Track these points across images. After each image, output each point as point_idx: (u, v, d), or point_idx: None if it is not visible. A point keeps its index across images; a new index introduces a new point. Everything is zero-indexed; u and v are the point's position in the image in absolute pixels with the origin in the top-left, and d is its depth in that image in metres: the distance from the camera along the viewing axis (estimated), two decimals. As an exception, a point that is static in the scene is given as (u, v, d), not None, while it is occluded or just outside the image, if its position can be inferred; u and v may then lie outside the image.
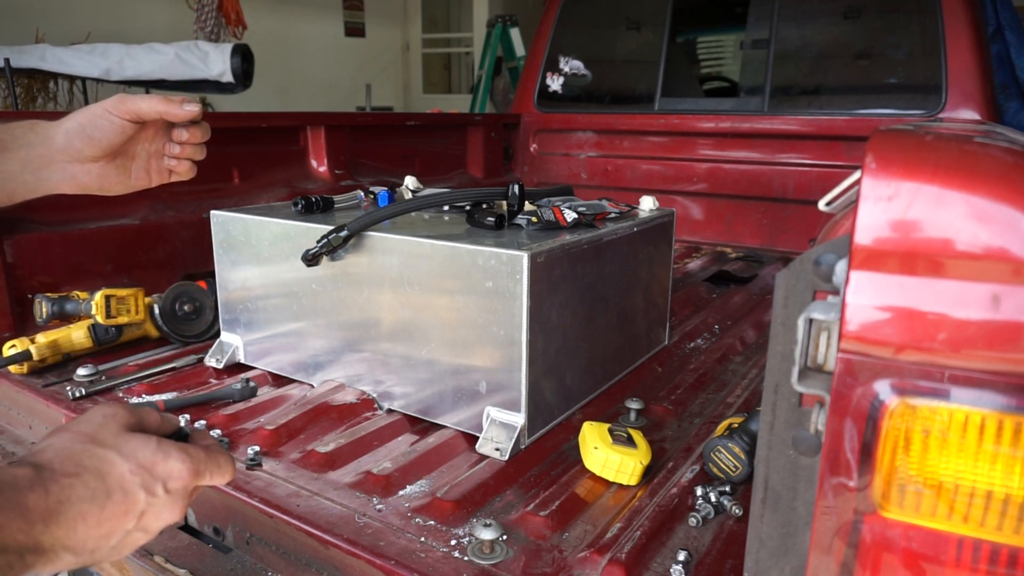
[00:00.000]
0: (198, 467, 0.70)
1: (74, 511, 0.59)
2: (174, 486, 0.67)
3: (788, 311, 0.63)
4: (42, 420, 1.50)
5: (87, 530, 0.61)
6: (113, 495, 0.62)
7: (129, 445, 0.65)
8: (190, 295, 1.80)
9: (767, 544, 0.68)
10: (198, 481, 0.70)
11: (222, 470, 0.73)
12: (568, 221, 1.45)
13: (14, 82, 4.33)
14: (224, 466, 0.74)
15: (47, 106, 5.19)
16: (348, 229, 1.36)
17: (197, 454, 0.70)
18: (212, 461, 0.72)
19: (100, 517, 0.61)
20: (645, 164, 3.26)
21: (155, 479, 0.65)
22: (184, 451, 0.69)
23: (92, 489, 0.61)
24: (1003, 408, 0.54)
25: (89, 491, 0.61)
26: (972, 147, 0.60)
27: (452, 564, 0.99)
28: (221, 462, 0.73)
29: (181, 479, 0.68)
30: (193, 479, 0.69)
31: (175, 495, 0.67)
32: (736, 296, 2.36)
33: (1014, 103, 3.09)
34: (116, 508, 0.63)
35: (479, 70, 7.36)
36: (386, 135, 2.89)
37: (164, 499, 0.66)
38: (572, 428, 1.38)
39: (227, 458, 0.75)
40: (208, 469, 0.71)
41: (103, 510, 0.62)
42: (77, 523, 0.60)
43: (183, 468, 0.68)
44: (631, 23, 3.45)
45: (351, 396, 1.46)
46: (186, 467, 0.68)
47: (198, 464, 0.70)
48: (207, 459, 0.71)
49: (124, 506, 0.63)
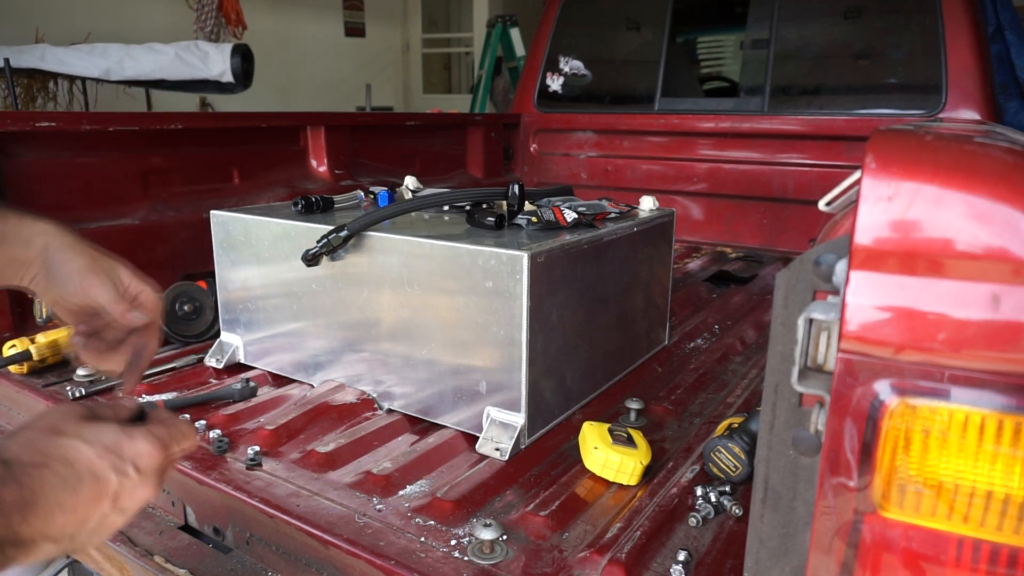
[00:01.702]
0: (164, 442, 0.70)
1: (49, 500, 0.60)
2: (144, 464, 0.68)
3: (788, 311, 0.63)
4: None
5: (64, 517, 0.61)
6: (84, 480, 0.63)
7: (92, 431, 0.66)
8: (190, 295, 1.80)
9: (767, 544, 0.68)
10: (167, 454, 0.71)
11: (186, 439, 0.74)
12: (568, 221, 1.44)
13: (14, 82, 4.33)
14: (187, 433, 0.74)
15: (47, 106, 5.19)
16: (348, 229, 1.36)
17: (159, 431, 0.71)
18: (175, 433, 0.73)
19: (75, 503, 0.62)
20: (645, 164, 3.26)
21: (124, 460, 0.66)
22: (147, 430, 0.70)
23: (63, 477, 0.61)
24: (1003, 408, 0.54)
25: (60, 479, 0.61)
26: (972, 147, 0.60)
27: (452, 564, 0.99)
28: (184, 430, 0.74)
29: (150, 457, 0.68)
30: (162, 454, 0.70)
31: (146, 474, 0.68)
32: (736, 296, 2.36)
33: (1014, 103, 3.09)
34: (89, 493, 0.63)
35: (479, 70, 7.36)
36: (386, 135, 2.89)
37: (136, 479, 0.67)
38: (572, 428, 1.38)
39: (188, 426, 0.75)
40: (173, 441, 0.72)
41: (77, 495, 0.62)
42: (54, 511, 0.60)
43: (149, 446, 0.68)
44: (631, 23, 3.45)
45: (351, 396, 1.46)
46: (152, 445, 0.69)
47: (163, 440, 0.70)
48: (170, 433, 0.72)
49: (97, 490, 0.64)
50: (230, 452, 1.29)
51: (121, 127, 1.95)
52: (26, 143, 1.77)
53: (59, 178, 1.85)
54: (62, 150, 1.86)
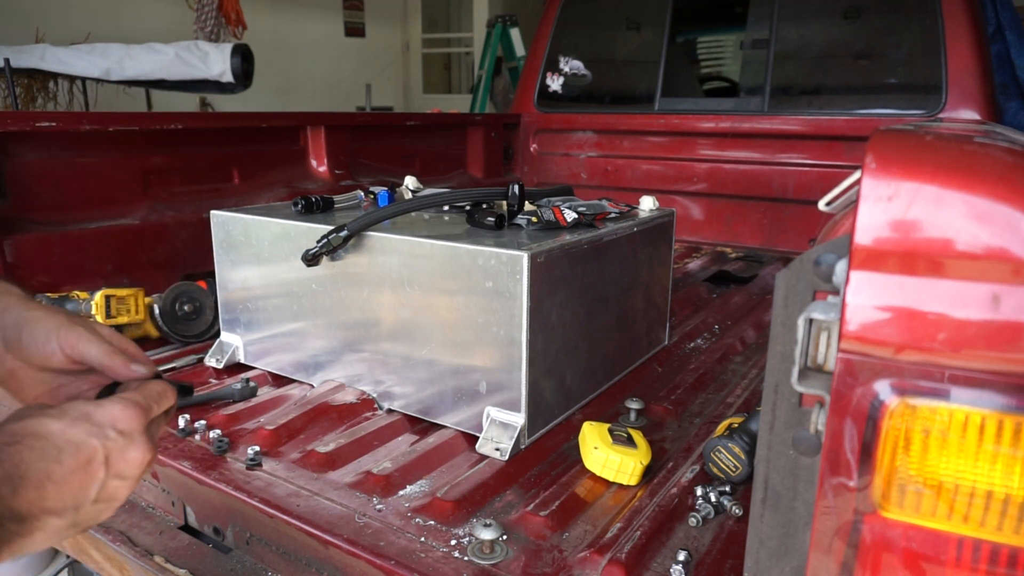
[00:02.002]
0: (139, 403, 0.69)
1: (34, 472, 0.59)
2: (125, 426, 0.67)
3: (788, 311, 0.63)
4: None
5: (58, 488, 0.60)
6: (64, 449, 0.62)
7: (57, 410, 0.65)
8: (190, 295, 1.80)
9: (767, 544, 0.68)
10: (148, 414, 0.70)
11: (164, 396, 0.73)
12: (568, 221, 1.44)
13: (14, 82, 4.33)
14: (163, 391, 0.74)
15: (47, 106, 5.19)
16: (348, 229, 1.36)
17: (131, 395, 0.70)
18: (150, 393, 0.72)
19: (63, 472, 0.61)
20: (645, 164, 3.26)
21: (99, 426, 0.65)
22: (117, 397, 0.69)
23: (39, 450, 0.60)
24: (1003, 408, 0.54)
25: (38, 452, 0.60)
26: (972, 147, 0.60)
27: (452, 564, 0.99)
28: (158, 389, 0.73)
29: (126, 419, 0.67)
30: (141, 414, 0.69)
31: (130, 434, 0.67)
32: (736, 296, 2.36)
33: (1014, 103, 3.09)
34: (75, 460, 0.62)
35: (479, 70, 7.36)
36: (386, 135, 2.89)
37: (121, 440, 0.66)
38: (572, 428, 1.38)
39: (161, 384, 0.74)
40: (150, 400, 0.71)
41: (62, 465, 0.61)
42: (44, 483, 0.59)
43: (122, 407, 0.67)
44: (631, 23, 3.45)
45: (351, 396, 1.46)
46: (125, 406, 0.68)
47: (137, 401, 0.69)
48: (144, 394, 0.71)
49: (82, 456, 0.63)
50: (230, 452, 1.29)
51: (121, 127, 1.95)
52: (26, 143, 1.77)
53: (59, 178, 1.85)
54: (62, 150, 1.86)
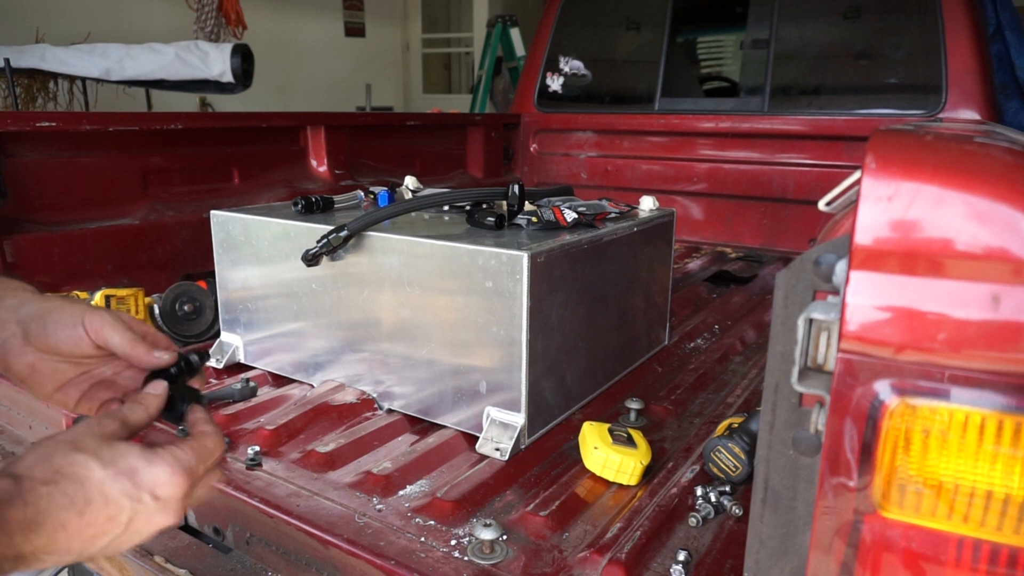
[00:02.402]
0: (188, 468, 0.66)
1: (53, 520, 0.58)
2: (164, 493, 0.64)
3: (788, 311, 0.63)
4: (42, 420, 1.50)
5: (68, 538, 0.59)
6: (93, 502, 0.60)
7: (111, 451, 0.63)
8: (190, 295, 1.80)
9: (767, 544, 0.68)
10: (192, 479, 0.66)
11: (213, 452, 0.70)
12: (568, 221, 1.44)
13: (14, 82, 4.33)
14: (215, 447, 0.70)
15: (47, 106, 5.19)
16: (348, 229, 1.36)
17: (185, 455, 0.66)
18: (202, 453, 0.68)
19: (80, 525, 0.60)
20: (645, 164, 3.26)
21: (139, 488, 0.62)
22: (170, 455, 0.65)
23: (71, 496, 0.59)
24: (1003, 408, 0.54)
25: (68, 499, 0.59)
26: (972, 147, 0.60)
27: (452, 564, 0.99)
28: (210, 446, 0.70)
29: (171, 486, 0.64)
30: (187, 481, 0.65)
31: (166, 502, 0.64)
32: (736, 296, 2.36)
33: (1014, 103, 3.09)
34: (97, 515, 0.60)
35: (479, 70, 7.37)
36: (386, 135, 2.89)
37: (153, 506, 0.63)
38: (572, 428, 1.38)
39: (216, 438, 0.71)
40: (200, 462, 0.67)
41: (83, 517, 0.60)
42: (57, 532, 0.58)
43: (169, 474, 0.64)
44: (631, 23, 3.45)
45: (351, 396, 1.46)
46: (174, 472, 0.64)
47: (187, 465, 0.66)
48: (197, 454, 0.67)
49: (106, 513, 0.61)
50: (230, 452, 1.28)
51: (121, 127, 1.95)
52: (26, 143, 1.77)
53: (59, 178, 1.85)
54: (62, 150, 1.86)
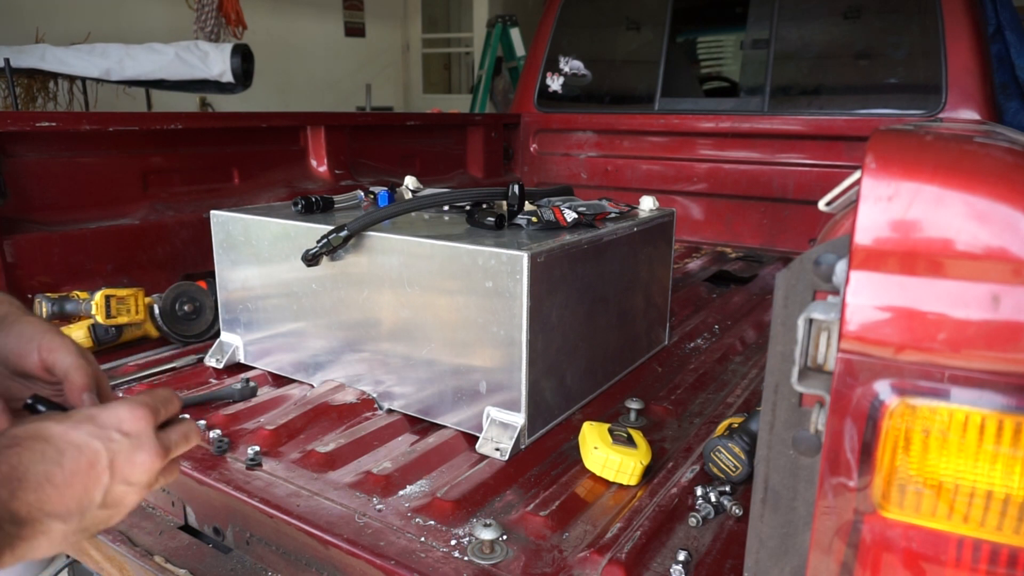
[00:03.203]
0: (146, 402, 0.67)
1: (33, 473, 0.57)
2: (130, 427, 0.64)
3: (788, 311, 0.63)
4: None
5: (59, 492, 0.59)
6: (66, 452, 0.60)
7: (61, 415, 0.64)
8: (190, 295, 1.80)
9: (767, 544, 0.68)
10: (155, 416, 0.67)
11: (171, 402, 0.71)
12: (568, 221, 1.44)
13: (14, 82, 4.32)
14: (170, 397, 0.72)
15: (47, 106, 5.19)
16: (348, 229, 1.36)
17: (140, 397, 0.68)
18: (157, 397, 0.70)
19: (64, 475, 0.59)
20: (645, 164, 3.26)
21: (103, 427, 0.63)
22: (125, 399, 0.67)
23: (39, 451, 0.59)
24: (1003, 408, 0.54)
25: (37, 454, 0.58)
26: (972, 147, 0.60)
27: (452, 564, 0.99)
28: (165, 395, 0.71)
29: (134, 419, 0.65)
30: (149, 414, 0.66)
31: (137, 436, 0.65)
32: (736, 296, 2.36)
33: (1014, 103, 3.09)
34: (76, 463, 0.60)
35: (479, 70, 7.36)
36: (386, 135, 2.89)
37: (126, 442, 0.64)
38: (572, 428, 1.38)
39: (168, 391, 0.72)
40: (158, 403, 0.69)
41: (63, 468, 0.59)
42: (44, 486, 0.58)
43: (129, 408, 0.65)
44: (631, 23, 3.45)
45: (351, 396, 1.46)
46: (132, 407, 0.65)
47: (144, 400, 0.67)
48: (152, 397, 0.69)
49: (84, 459, 0.61)
50: (230, 452, 1.29)
51: (121, 127, 1.95)
52: (26, 143, 1.77)
53: (59, 178, 1.85)
54: (62, 150, 1.86)
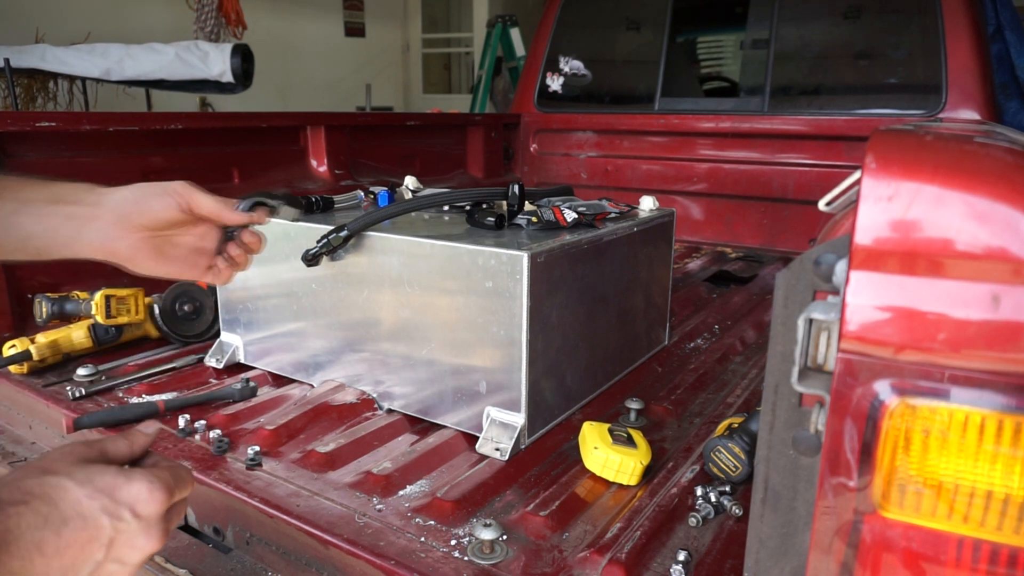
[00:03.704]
0: (167, 484, 0.64)
1: (27, 540, 0.55)
2: (144, 510, 0.62)
3: (788, 311, 0.63)
4: (42, 420, 1.50)
5: (46, 561, 0.56)
6: (70, 522, 0.58)
7: (85, 472, 0.61)
8: (190, 295, 1.80)
9: (767, 544, 0.68)
10: (171, 499, 0.65)
11: (185, 485, 0.69)
12: (568, 221, 1.44)
13: (14, 82, 4.32)
14: (186, 481, 0.69)
15: (47, 106, 5.18)
16: (348, 229, 1.36)
17: (162, 474, 0.65)
18: (178, 474, 0.68)
19: (58, 545, 0.57)
20: (645, 164, 3.26)
21: (118, 504, 0.61)
22: (148, 472, 0.64)
23: (43, 516, 0.56)
24: (1003, 408, 0.54)
25: (40, 518, 0.56)
26: (972, 147, 0.60)
27: (452, 564, 0.99)
28: (184, 475, 0.69)
29: (151, 502, 0.62)
30: (166, 498, 0.64)
31: (148, 520, 0.62)
32: (736, 296, 2.36)
33: (1014, 103, 3.09)
34: (76, 535, 0.58)
35: (479, 70, 7.36)
36: (386, 135, 2.89)
37: (135, 525, 0.61)
38: (572, 428, 1.38)
39: (186, 470, 0.71)
40: (175, 486, 0.66)
41: (60, 537, 0.57)
42: (32, 553, 0.55)
43: (150, 489, 0.62)
44: (631, 23, 3.45)
45: (351, 396, 1.46)
46: (152, 488, 0.63)
47: (166, 483, 0.64)
48: (174, 473, 0.67)
49: (85, 533, 0.58)
50: (230, 452, 1.29)
51: (121, 127, 1.95)
52: (26, 143, 1.77)
53: (59, 178, 1.85)
54: (62, 150, 1.86)
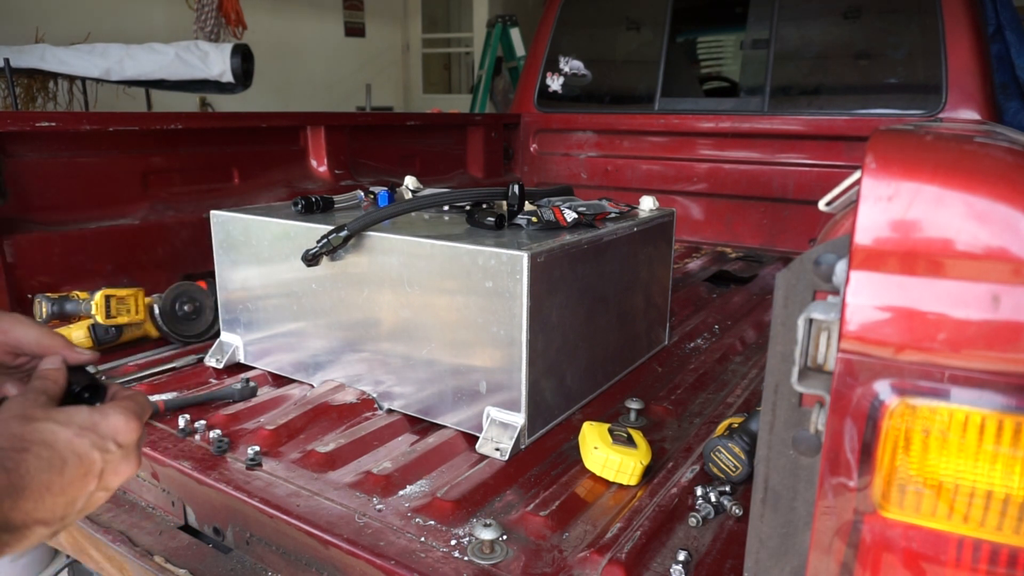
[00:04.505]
0: (138, 413, 0.70)
1: (36, 483, 0.60)
2: (124, 439, 0.68)
3: (788, 311, 0.63)
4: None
5: (53, 499, 0.61)
6: (68, 461, 0.63)
7: (63, 414, 0.66)
8: (190, 295, 1.80)
9: (767, 544, 0.68)
10: (142, 425, 0.71)
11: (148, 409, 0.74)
12: (568, 221, 1.44)
13: (14, 82, 4.32)
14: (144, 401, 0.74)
15: (47, 106, 5.18)
16: (348, 229, 1.36)
17: (130, 404, 0.70)
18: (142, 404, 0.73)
19: (62, 484, 0.62)
20: (645, 164, 3.26)
21: (103, 437, 0.66)
22: (119, 406, 0.70)
23: (46, 459, 0.61)
24: (1003, 408, 0.54)
25: (44, 462, 0.61)
26: (972, 147, 0.60)
27: (452, 564, 0.99)
28: (144, 401, 0.74)
29: (128, 431, 0.68)
30: (139, 427, 0.70)
31: (127, 448, 0.68)
32: (736, 296, 2.36)
33: (1014, 103, 3.09)
34: (75, 472, 0.63)
35: (479, 70, 7.36)
36: (386, 135, 2.89)
37: (118, 454, 0.67)
38: (572, 428, 1.38)
39: (141, 394, 0.75)
40: (143, 413, 0.72)
41: (63, 476, 0.62)
42: (43, 494, 0.60)
43: (125, 419, 0.68)
44: (631, 23, 3.45)
45: (351, 396, 1.46)
46: (128, 418, 0.69)
47: (137, 411, 0.70)
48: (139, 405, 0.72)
49: (82, 469, 0.64)
50: (230, 452, 1.29)
51: (121, 127, 1.95)
52: (26, 143, 1.77)
53: (59, 178, 1.85)
54: (62, 150, 1.86)
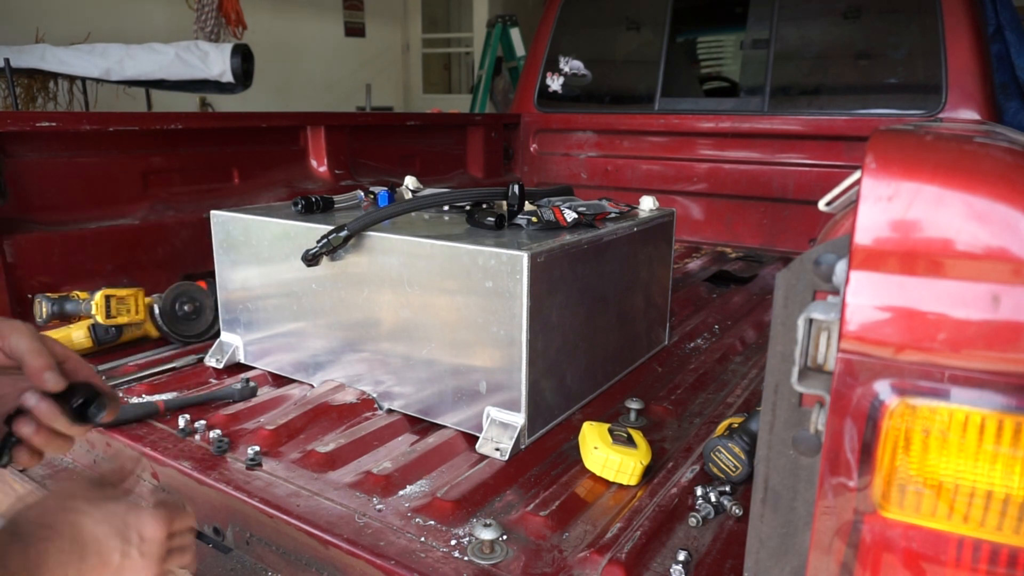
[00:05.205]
0: (166, 516, 0.72)
1: (53, 564, 0.62)
2: (148, 549, 0.70)
3: (788, 311, 0.63)
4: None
5: None
6: (88, 558, 0.65)
7: (101, 509, 0.69)
8: (190, 295, 1.80)
9: (767, 544, 0.68)
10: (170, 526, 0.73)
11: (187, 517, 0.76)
12: (568, 221, 1.44)
13: (14, 82, 4.32)
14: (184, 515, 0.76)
15: (47, 106, 5.18)
16: (348, 229, 1.36)
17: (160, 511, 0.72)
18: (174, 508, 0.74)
19: (81, 569, 0.65)
20: (645, 164, 3.26)
21: (129, 543, 0.68)
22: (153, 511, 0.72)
23: (67, 552, 0.64)
24: (1003, 408, 0.54)
25: (64, 554, 0.64)
26: (972, 147, 0.60)
27: (452, 564, 0.99)
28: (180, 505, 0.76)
29: (155, 529, 0.70)
30: (165, 528, 0.71)
31: (149, 543, 0.70)
32: (736, 296, 2.36)
33: (1014, 103, 3.09)
34: (92, 564, 0.66)
35: (479, 70, 7.36)
36: (386, 135, 2.89)
37: (139, 561, 0.69)
38: (572, 428, 1.38)
39: (182, 501, 0.78)
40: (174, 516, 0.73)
41: (81, 566, 0.65)
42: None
43: (152, 516, 0.71)
44: (631, 23, 3.45)
45: (351, 396, 1.46)
46: (155, 516, 0.71)
47: (165, 514, 0.72)
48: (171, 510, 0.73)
49: (100, 560, 0.66)
50: (230, 452, 1.29)
51: (121, 127, 1.95)
52: (26, 143, 1.77)
53: (59, 178, 1.85)
54: (62, 150, 1.86)
